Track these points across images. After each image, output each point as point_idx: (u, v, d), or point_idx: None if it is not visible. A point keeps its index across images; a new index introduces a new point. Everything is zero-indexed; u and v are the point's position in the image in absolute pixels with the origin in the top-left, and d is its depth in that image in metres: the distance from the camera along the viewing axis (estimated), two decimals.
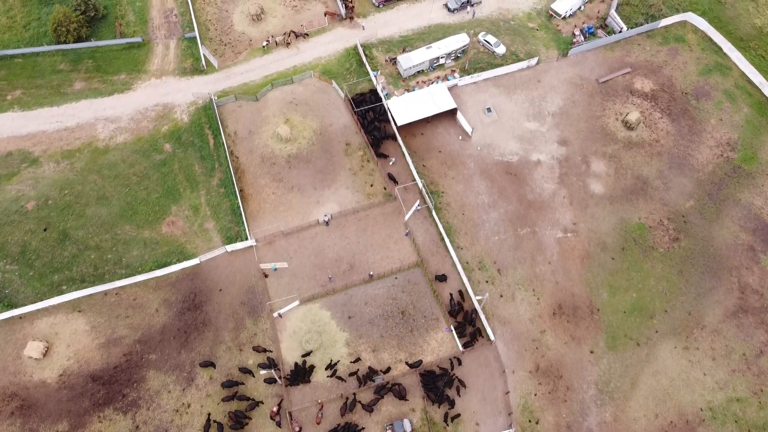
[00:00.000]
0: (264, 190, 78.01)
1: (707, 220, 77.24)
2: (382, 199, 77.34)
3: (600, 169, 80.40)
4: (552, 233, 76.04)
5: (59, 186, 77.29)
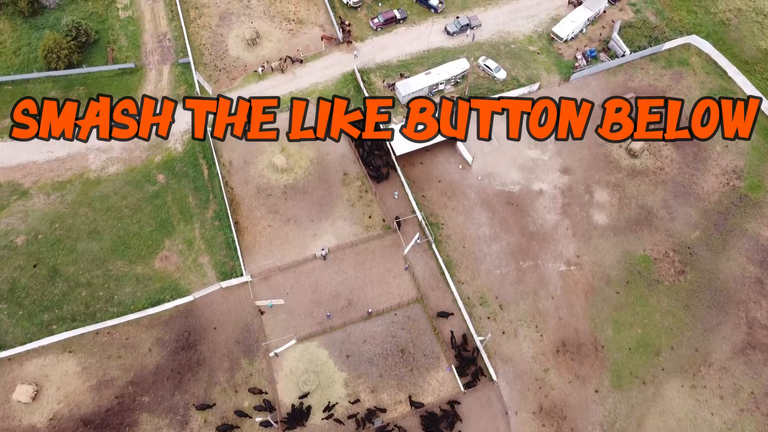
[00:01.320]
0: (260, 222, 76.14)
1: (713, 251, 75.50)
2: (381, 232, 75.55)
3: (603, 199, 78.63)
4: (555, 266, 74.26)
5: (49, 220, 75.36)
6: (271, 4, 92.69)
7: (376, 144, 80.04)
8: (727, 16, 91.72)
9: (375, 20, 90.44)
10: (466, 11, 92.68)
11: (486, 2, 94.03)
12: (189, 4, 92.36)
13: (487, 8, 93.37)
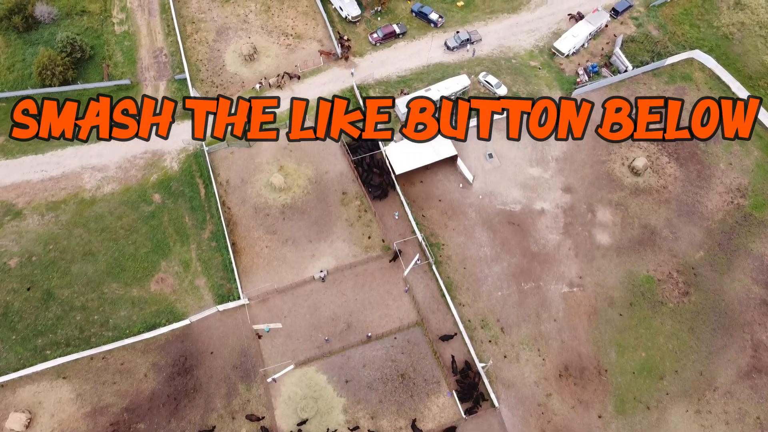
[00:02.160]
0: (257, 243, 74.95)
1: (718, 272, 74.37)
2: (381, 253, 74.36)
3: (606, 218, 77.48)
4: (557, 288, 73.12)
5: (44, 241, 74.16)
6: (269, 18, 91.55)
7: (375, 162, 78.92)
8: (730, 30, 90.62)
9: (374, 35, 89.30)
10: (467, 26, 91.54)
11: (486, 16, 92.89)
12: (185, 19, 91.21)
13: (487, 23, 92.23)
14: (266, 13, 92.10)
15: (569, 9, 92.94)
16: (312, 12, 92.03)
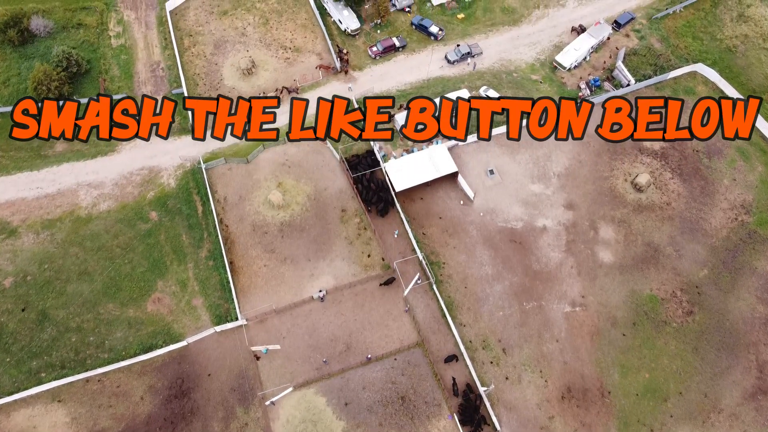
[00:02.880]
0: (255, 262, 73.93)
1: (722, 290, 73.43)
2: (381, 272, 73.35)
3: (609, 236, 76.50)
4: (559, 307, 72.14)
5: (39, 260, 73.11)
6: (267, 31, 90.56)
7: (375, 180, 77.95)
8: (733, 43, 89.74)
9: (374, 48, 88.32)
10: (467, 39, 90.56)
11: (487, 29, 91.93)
12: (183, 32, 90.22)
13: (488, 35, 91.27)
14: (264, 26, 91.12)
15: (571, 21, 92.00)
16: (311, 25, 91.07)
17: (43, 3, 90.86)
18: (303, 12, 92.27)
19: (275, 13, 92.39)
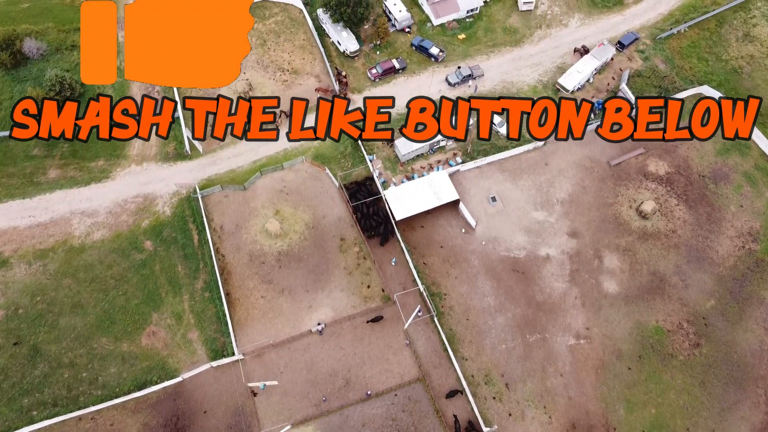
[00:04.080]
0: (252, 293, 72.31)
1: (730, 322, 71.87)
2: (380, 303, 71.75)
3: (614, 265, 74.91)
4: (563, 340, 70.58)
5: (31, 292, 71.45)
6: (265, 53, 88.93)
7: (374, 207, 76.36)
8: (739, 64, 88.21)
9: (373, 70, 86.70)
10: (468, 60, 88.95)
11: (489, 50, 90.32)
12: None
13: (489, 56, 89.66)
14: (262, 47, 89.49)
15: (573, 42, 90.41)
16: (309, 46, 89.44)
17: (36, 24, 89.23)
18: (301, 33, 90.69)
19: (273, 33, 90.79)
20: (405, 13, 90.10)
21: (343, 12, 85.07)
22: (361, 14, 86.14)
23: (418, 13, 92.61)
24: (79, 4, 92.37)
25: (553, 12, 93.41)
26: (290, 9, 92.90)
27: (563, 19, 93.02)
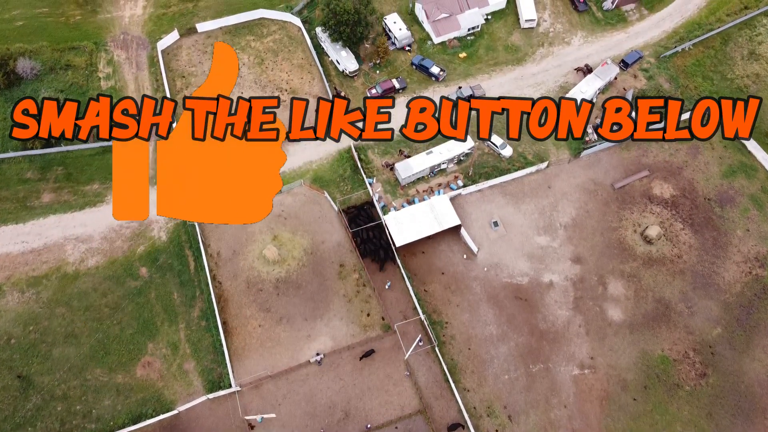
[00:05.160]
0: (250, 322, 70.87)
1: (737, 351, 70.43)
2: (381, 332, 70.33)
3: (618, 292, 73.48)
4: (567, 370, 69.14)
5: (23, 321, 70.01)
6: (263, 72, 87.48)
7: (375, 233, 74.95)
8: (744, 83, 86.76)
9: (373, 90, 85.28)
10: (469, 79, 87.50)
11: (490, 69, 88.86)
12: (175, 73, 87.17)
13: (491, 75, 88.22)
14: (260, 66, 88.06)
15: (576, 61, 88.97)
16: (307, 65, 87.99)
17: (30, 43, 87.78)
18: (299, 51, 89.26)
19: (271, 52, 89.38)
20: (405, 31, 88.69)
21: (343, 31, 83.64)
22: (360, 33, 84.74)
23: (419, 31, 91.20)
24: (74, 23, 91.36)
25: (556, 30, 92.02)
26: (288, 27, 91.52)
27: (566, 36, 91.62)
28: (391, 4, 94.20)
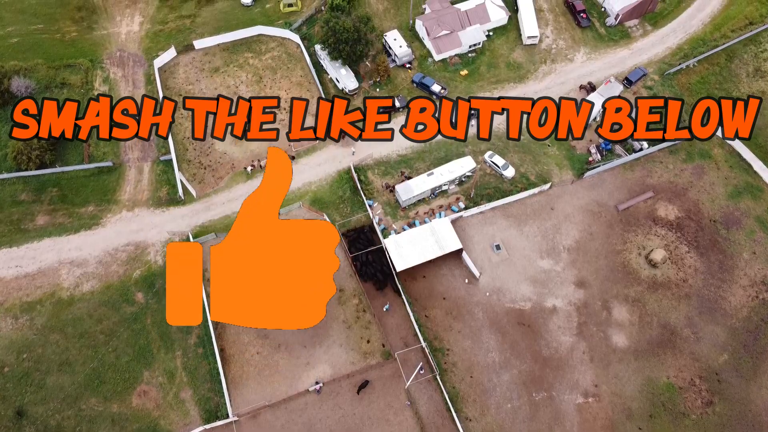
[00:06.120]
0: (247, 349, 69.59)
1: (744, 378, 69.14)
2: (381, 359, 69.06)
3: (623, 317, 72.20)
4: (571, 398, 67.85)
5: (17, 349, 68.75)
6: (261, 90, 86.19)
7: (375, 257, 73.68)
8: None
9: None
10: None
11: (492, 87, 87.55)
12: (172, 91, 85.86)
13: (493, 93, 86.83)
14: (258, 84, 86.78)
15: (579, 78, 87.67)
16: (306, 83, 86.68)
17: (25, 60, 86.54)
18: (298, 69, 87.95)
19: (269, 70, 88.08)
20: (406, 48, 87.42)
21: (342, 50, 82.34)
22: (360, 51, 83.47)
23: (419, 48, 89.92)
24: (69, 39, 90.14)
25: (558, 46, 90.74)
26: (287, 44, 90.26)
27: (568, 53, 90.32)
28: (391, 20, 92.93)
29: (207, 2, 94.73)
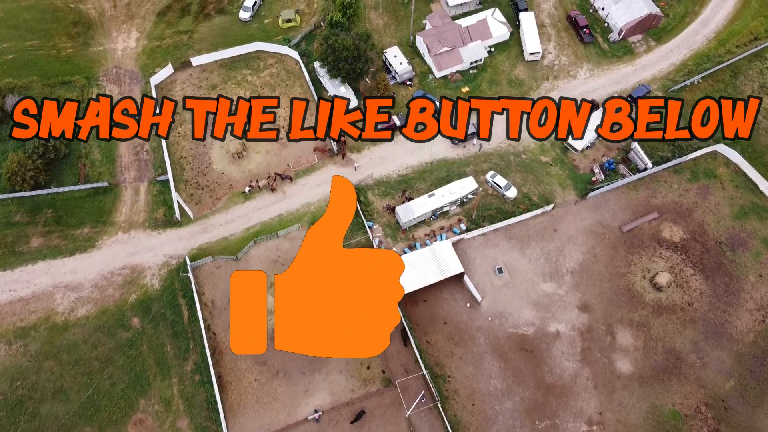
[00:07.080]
0: (245, 376, 68.37)
1: (750, 405, 67.95)
2: (381, 387, 67.85)
3: (627, 342, 70.99)
4: (575, 426, 66.64)
5: (11, 376, 67.52)
6: None
7: None
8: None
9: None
10: (472, 115, 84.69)
11: None
12: None
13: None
14: None
15: (582, 95, 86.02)
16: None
17: (19, 78, 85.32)
18: (297, 86, 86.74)
19: (267, 87, 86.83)
20: (406, 65, 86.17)
21: (342, 68, 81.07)
22: (360, 69, 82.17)
23: (420, 65, 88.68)
24: (65, 56, 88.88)
25: (561, 62, 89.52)
26: (286, 60, 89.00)
27: (571, 69, 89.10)
28: (391, 35, 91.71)
29: (204, 18, 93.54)
